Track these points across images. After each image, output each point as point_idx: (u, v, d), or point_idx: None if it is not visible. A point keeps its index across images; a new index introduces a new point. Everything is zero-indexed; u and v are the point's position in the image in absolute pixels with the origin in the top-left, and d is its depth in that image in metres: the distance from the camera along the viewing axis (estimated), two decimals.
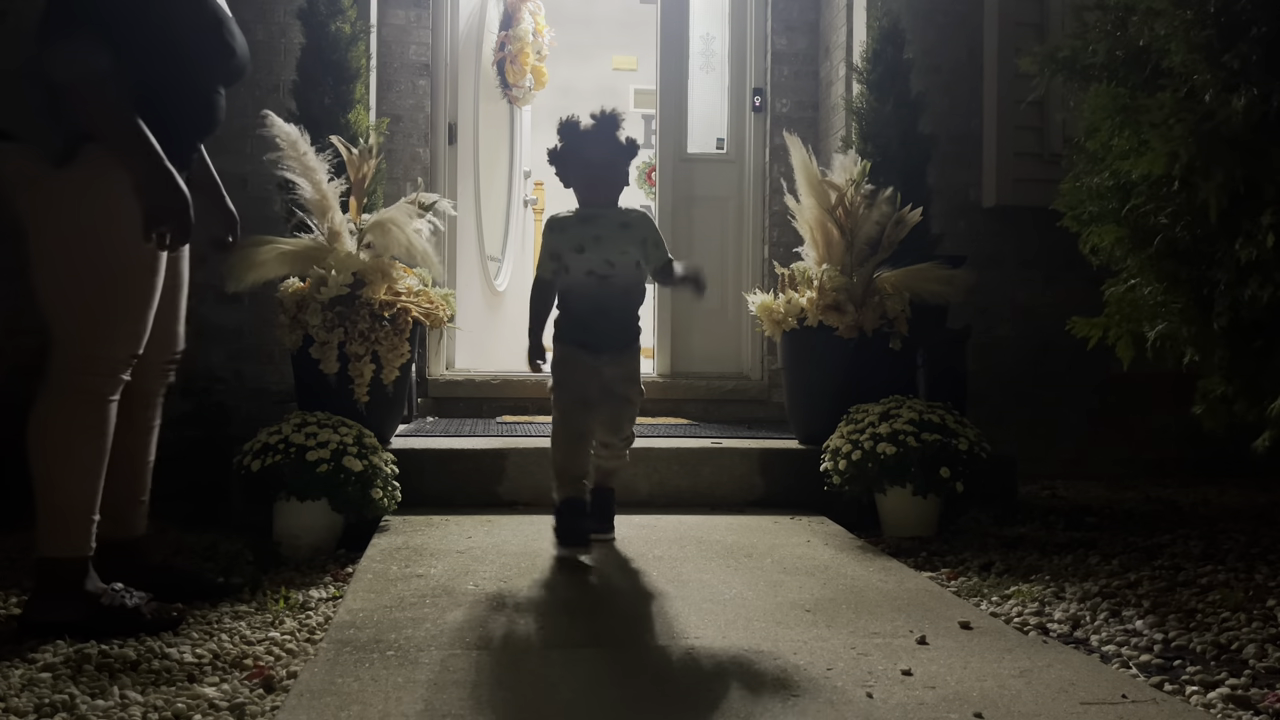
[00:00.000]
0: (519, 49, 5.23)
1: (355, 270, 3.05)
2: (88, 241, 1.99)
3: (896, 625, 2.06)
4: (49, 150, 1.94)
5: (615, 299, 2.59)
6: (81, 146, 1.95)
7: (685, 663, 1.81)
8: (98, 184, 1.96)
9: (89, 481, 2.03)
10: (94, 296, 2.00)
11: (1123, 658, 1.96)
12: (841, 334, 3.30)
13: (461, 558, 2.50)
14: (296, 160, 3.06)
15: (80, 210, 1.97)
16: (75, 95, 1.92)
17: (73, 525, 2.02)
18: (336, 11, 3.36)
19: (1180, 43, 2.08)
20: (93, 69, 1.91)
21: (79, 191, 1.96)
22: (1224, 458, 4.23)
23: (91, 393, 2.03)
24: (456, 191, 4.43)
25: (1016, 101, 4.04)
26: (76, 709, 1.65)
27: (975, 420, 3.11)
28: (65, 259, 1.99)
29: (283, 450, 2.71)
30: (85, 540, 2.04)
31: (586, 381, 2.57)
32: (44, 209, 1.98)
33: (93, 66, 1.90)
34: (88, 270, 1.99)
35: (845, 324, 3.30)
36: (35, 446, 2.01)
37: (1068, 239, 2.71)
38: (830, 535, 2.88)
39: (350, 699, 1.62)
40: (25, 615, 2.03)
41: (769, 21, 4.58)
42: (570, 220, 2.61)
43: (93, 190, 1.97)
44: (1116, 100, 2.22)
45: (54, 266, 2.00)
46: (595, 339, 2.59)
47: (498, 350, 5.01)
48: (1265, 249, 1.96)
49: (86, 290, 2.00)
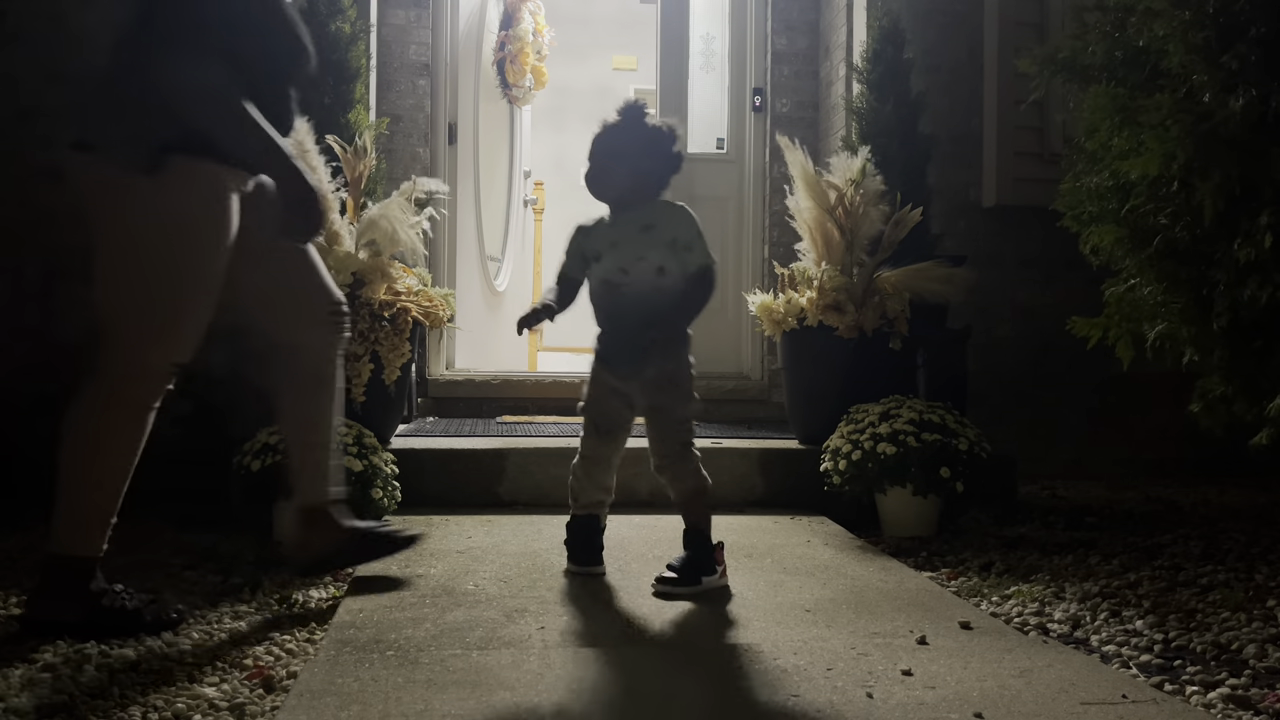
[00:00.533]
0: (519, 49, 5.24)
1: (354, 270, 3.05)
2: (163, 250, 2.01)
3: (896, 625, 2.06)
4: (134, 160, 1.95)
5: (629, 309, 2.30)
6: (169, 157, 1.96)
7: (685, 663, 1.81)
8: (180, 194, 1.99)
9: (116, 483, 2.06)
10: (160, 305, 2.03)
11: (1123, 658, 1.96)
12: (842, 334, 3.30)
13: (461, 558, 2.51)
14: (300, 157, 3.06)
15: (160, 219, 1.99)
16: (199, 106, 1.93)
17: (93, 524, 2.04)
18: (336, 11, 3.36)
19: (1179, 43, 2.08)
20: (215, 80, 1.93)
21: (161, 201, 1.98)
22: (1224, 458, 4.23)
23: (136, 400, 2.07)
24: (456, 191, 4.43)
25: (1016, 101, 4.05)
26: (76, 709, 1.65)
27: (975, 420, 3.11)
28: (137, 267, 2.01)
29: (283, 450, 2.70)
30: (100, 540, 2.06)
31: (604, 400, 2.38)
32: (121, 218, 1.99)
33: (214, 77, 1.93)
34: (158, 279, 2.02)
35: (845, 324, 3.29)
36: (71, 444, 2.03)
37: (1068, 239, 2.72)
38: (830, 535, 2.88)
39: (350, 699, 1.62)
40: (27, 614, 2.04)
41: (769, 21, 4.58)
42: (595, 224, 2.39)
43: (176, 200, 1.99)
44: (1115, 101, 2.23)
45: (125, 274, 2.02)
46: (610, 354, 2.37)
47: (498, 350, 5.01)
48: (1263, 249, 1.96)
49: (154, 299, 2.03)
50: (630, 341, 2.30)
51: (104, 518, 2.05)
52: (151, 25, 1.96)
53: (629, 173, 2.36)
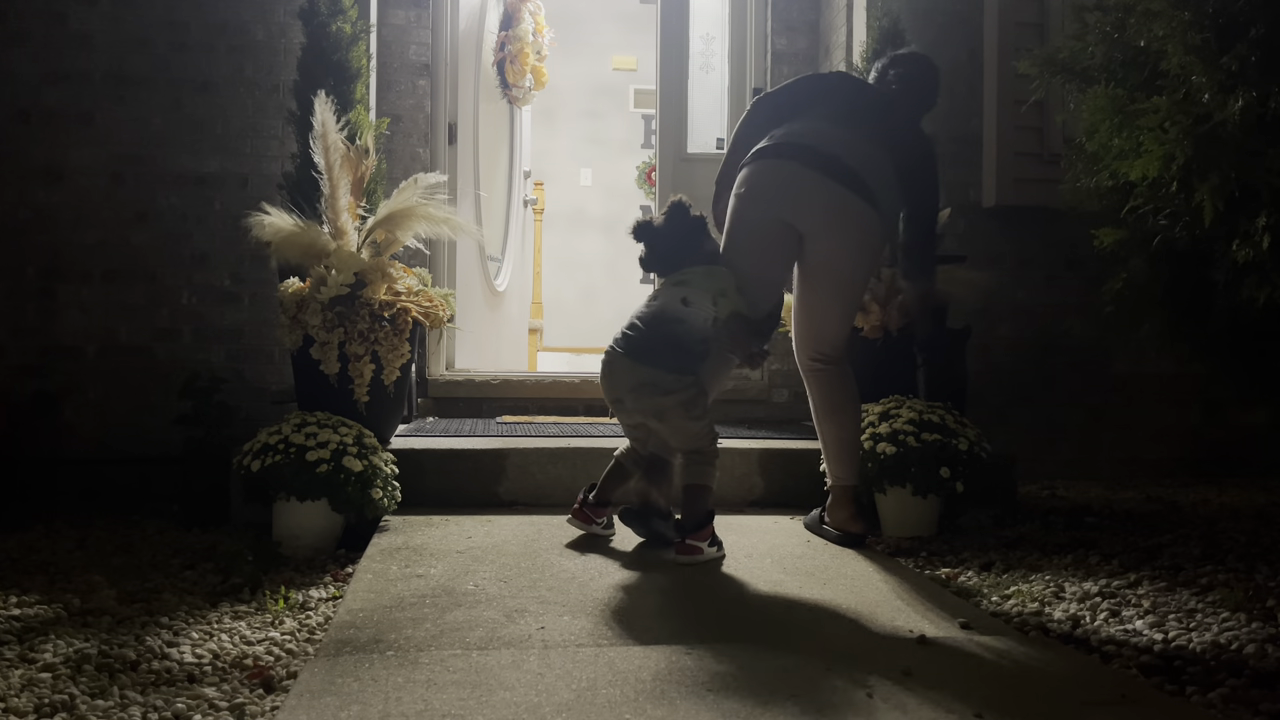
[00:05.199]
0: (519, 49, 5.24)
1: (357, 270, 3.05)
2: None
3: (896, 625, 2.06)
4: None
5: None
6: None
7: (685, 663, 1.81)
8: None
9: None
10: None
11: (1123, 658, 1.96)
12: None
13: (461, 558, 2.51)
14: (324, 152, 3.06)
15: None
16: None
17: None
18: (338, 12, 3.36)
19: (1178, 44, 2.08)
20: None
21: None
22: (1224, 458, 4.24)
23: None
24: (456, 191, 4.43)
25: (1016, 101, 4.05)
26: (76, 709, 1.65)
27: (975, 420, 3.11)
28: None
29: (283, 450, 2.71)
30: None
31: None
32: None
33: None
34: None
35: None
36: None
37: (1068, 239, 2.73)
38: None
39: (350, 699, 1.62)
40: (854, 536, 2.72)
41: (769, 21, 4.58)
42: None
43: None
44: (1115, 102, 2.22)
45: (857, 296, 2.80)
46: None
47: (498, 350, 5.01)
48: (1262, 250, 1.96)
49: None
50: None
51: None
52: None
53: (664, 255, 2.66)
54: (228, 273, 3.95)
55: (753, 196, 2.65)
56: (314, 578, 2.50)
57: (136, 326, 3.88)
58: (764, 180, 2.65)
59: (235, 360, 3.94)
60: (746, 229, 2.66)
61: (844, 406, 2.74)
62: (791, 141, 2.65)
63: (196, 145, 3.94)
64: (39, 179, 3.86)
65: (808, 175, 2.60)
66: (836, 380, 2.74)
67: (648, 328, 2.55)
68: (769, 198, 2.63)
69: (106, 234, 3.87)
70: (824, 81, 2.99)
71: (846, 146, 2.64)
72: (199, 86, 3.94)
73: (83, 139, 3.87)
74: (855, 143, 2.65)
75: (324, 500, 2.70)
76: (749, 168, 2.68)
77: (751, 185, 2.66)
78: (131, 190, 3.90)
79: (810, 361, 2.76)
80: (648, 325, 2.55)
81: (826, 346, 2.73)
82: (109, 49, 3.89)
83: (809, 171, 2.60)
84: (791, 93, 2.80)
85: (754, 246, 2.66)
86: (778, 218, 2.63)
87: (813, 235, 2.64)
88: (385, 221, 3.14)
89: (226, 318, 3.95)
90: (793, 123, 2.71)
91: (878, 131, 2.70)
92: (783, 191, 2.63)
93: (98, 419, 3.83)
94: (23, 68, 3.85)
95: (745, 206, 2.66)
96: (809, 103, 2.76)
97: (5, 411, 3.63)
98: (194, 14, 3.94)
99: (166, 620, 2.13)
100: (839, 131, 2.67)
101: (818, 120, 2.70)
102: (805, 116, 2.72)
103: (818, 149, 2.62)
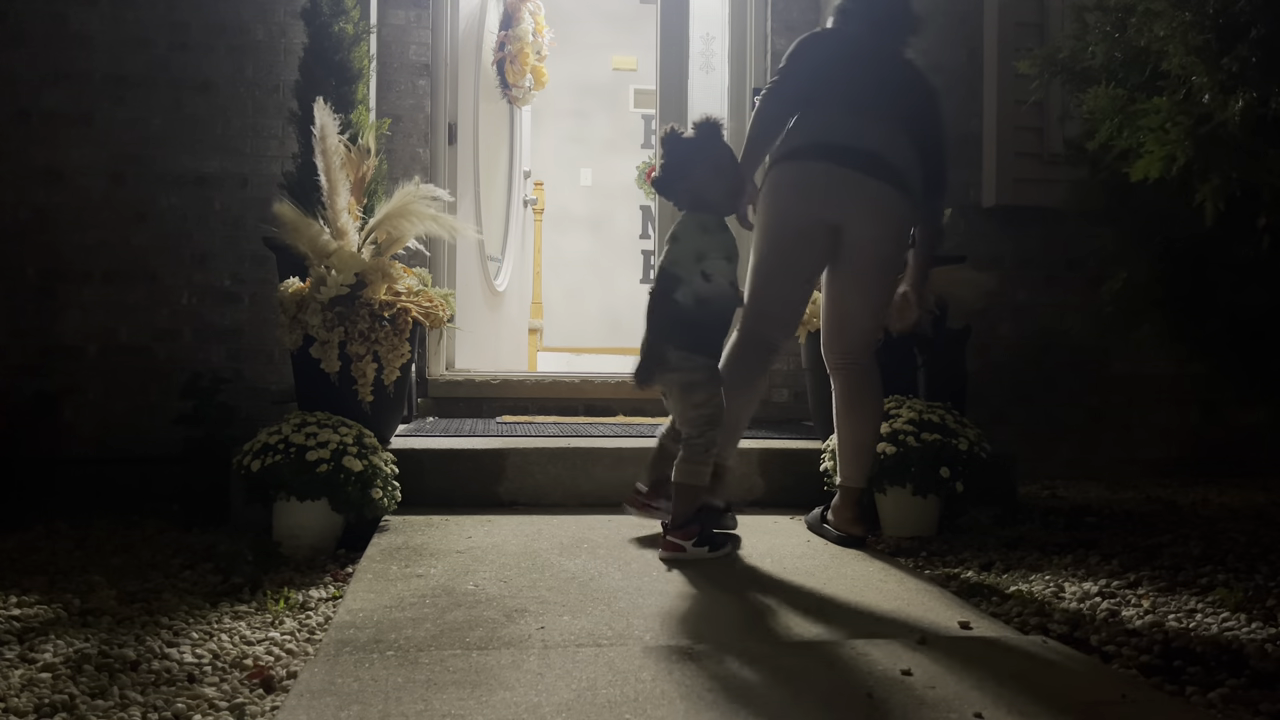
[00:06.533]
0: (519, 49, 5.24)
1: (357, 270, 3.05)
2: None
3: (896, 625, 2.06)
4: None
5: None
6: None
7: (684, 663, 1.81)
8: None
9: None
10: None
11: (1123, 658, 1.96)
12: None
13: (461, 558, 2.51)
14: (323, 154, 3.06)
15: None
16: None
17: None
18: (340, 12, 3.37)
19: (1179, 45, 2.08)
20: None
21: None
22: (1224, 458, 4.24)
23: None
24: (456, 191, 4.43)
25: (1016, 101, 4.05)
26: (76, 709, 1.65)
27: (975, 420, 3.11)
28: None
29: (283, 450, 2.71)
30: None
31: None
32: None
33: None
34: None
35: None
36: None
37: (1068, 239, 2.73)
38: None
39: (350, 699, 1.62)
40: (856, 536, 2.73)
41: (769, 21, 4.57)
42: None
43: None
44: (1115, 102, 2.23)
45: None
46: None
47: (498, 350, 5.01)
48: (1262, 251, 1.96)
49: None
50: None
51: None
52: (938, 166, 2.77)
53: (675, 185, 2.58)
54: (228, 273, 3.95)
55: (796, 197, 2.66)
56: (314, 578, 2.50)
57: (136, 326, 3.88)
58: (802, 181, 2.66)
59: (235, 360, 3.94)
60: (789, 228, 2.67)
61: (862, 407, 2.74)
62: (819, 141, 2.65)
63: (196, 145, 3.94)
64: (39, 179, 3.86)
65: (846, 174, 2.60)
66: (862, 379, 2.74)
67: (653, 292, 2.52)
68: (811, 198, 2.64)
69: (107, 234, 3.87)
70: (821, 66, 2.81)
71: (867, 134, 2.63)
72: (199, 87, 3.95)
73: (83, 139, 3.87)
74: (872, 126, 2.65)
75: (324, 500, 2.70)
76: (780, 169, 2.68)
77: (791, 187, 2.66)
78: (131, 190, 3.90)
79: (840, 358, 2.76)
80: (654, 288, 2.52)
81: (857, 344, 2.73)
82: (109, 49, 3.89)
83: (845, 170, 2.60)
84: (797, 81, 2.74)
85: (789, 248, 2.67)
86: (819, 218, 2.64)
87: (853, 230, 2.64)
88: (386, 221, 3.14)
89: (226, 317, 3.95)
90: (807, 114, 2.70)
91: (881, 99, 2.68)
92: (823, 191, 2.63)
93: (98, 419, 3.83)
94: (23, 68, 3.85)
95: (788, 206, 2.67)
96: (814, 88, 2.73)
97: (5, 411, 3.63)
98: (194, 14, 3.94)
99: (166, 620, 2.13)
100: (858, 121, 2.66)
101: (835, 110, 2.68)
102: (820, 106, 2.70)
103: (850, 146, 2.62)
